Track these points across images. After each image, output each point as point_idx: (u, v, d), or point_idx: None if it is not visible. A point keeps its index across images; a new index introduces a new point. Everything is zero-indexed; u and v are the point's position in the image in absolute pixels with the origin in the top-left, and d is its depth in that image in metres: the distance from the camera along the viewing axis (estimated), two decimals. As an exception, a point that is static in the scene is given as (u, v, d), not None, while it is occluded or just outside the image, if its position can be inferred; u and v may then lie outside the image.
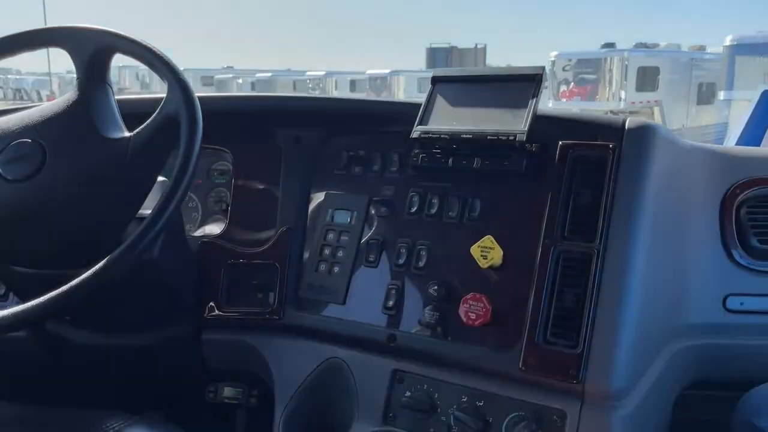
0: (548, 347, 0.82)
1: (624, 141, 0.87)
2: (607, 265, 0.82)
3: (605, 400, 0.79)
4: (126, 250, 0.75)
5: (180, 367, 1.13)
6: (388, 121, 1.07)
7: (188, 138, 0.81)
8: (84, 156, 0.85)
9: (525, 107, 0.92)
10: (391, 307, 0.95)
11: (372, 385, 0.93)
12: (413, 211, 0.99)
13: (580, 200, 0.87)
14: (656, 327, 0.87)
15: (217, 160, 1.22)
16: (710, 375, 0.99)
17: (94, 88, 0.89)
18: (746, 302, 0.94)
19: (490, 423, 0.84)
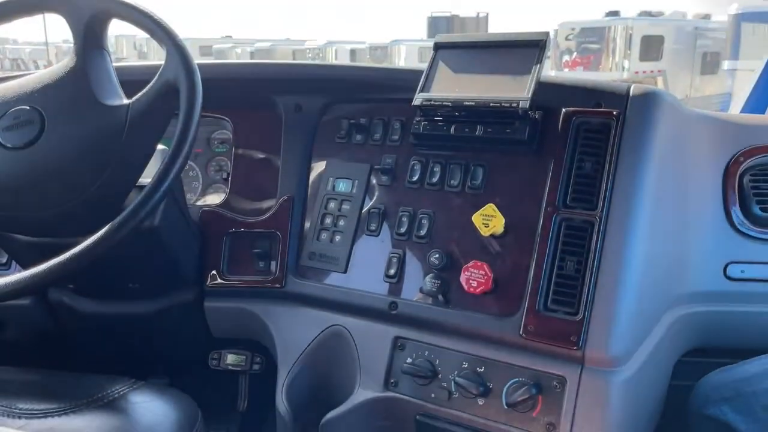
0: (549, 314, 0.83)
1: (628, 108, 0.87)
2: (608, 232, 0.82)
3: (605, 365, 0.80)
4: (128, 217, 0.75)
5: (183, 334, 1.14)
6: (390, 89, 1.06)
7: (188, 104, 0.80)
8: (83, 123, 0.84)
9: (528, 74, 0.91)
10: (393, 276, 0.96)
11: (373, 352, 0.94)
12: (414, 180, 0.99)
13: (582, 168, 0.86)
14: (657, 294, 0.87)
15: (217, 128, 1.21)
16: (709, 342, 1.00)
17: (92, 54, 0.88)
18: (747, 270, 0.94)
19: (490, 388, 0.85)
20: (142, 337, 1.17)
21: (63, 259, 0.73)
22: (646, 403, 0.88)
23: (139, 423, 0.73)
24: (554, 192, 0.87)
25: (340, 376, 0.98)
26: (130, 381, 0.83)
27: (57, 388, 0.78)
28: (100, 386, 0.79)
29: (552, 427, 0.80)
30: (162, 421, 0.76)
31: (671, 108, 0.90)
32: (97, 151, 0.84)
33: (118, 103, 0.86)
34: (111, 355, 1.21)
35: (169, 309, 1.07)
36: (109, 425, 0.71)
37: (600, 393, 0.79)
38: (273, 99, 1.13)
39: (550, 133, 0.91)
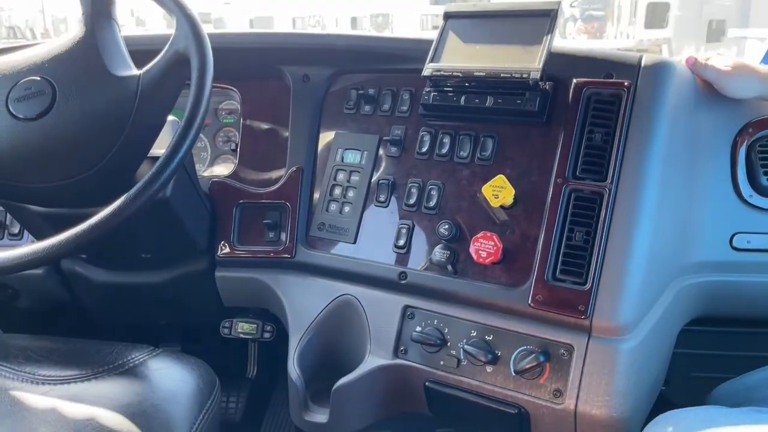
0: (557, 284, 0.84)
1: (639, 78, 0.86)
2: (618, 203, 0.83)
3: (611, 334, 0.81)
4: (144, 187, 0.76)
5: (194, 303, 1.16)
6: (399, 59, 1.05)
7: (199, 75, 0.80)
8: (94, 94, 0.84)
9: (539, 44, 0.90)
10: (402, 246, 0.97)
11: (383, 321, 0.96)
12: (424, 151, 0.99)
13: (592, 139, 0.87)
14: (664, 264, 0.88)
15: (225, 99, 1.21)
16: (713, 311, 1.01)
17: (101, 24, 0.87)
18: (753, 240, 0.95)
19: (498, 356, 0.87)
20: (153, 306, 1.18)
21: (80, 229, 0.74)
22: (650, 370, 0.90)
23: (160, 388, 0.75)
24: (564, 163, 0.87)
25: (350, 344, 0.99)
26: (148, 348, 0.85)
27: (77, 356, 0.80)
28: (119, 354, 0.81)
29: (559, 393, 0.82)
30: (182, 387, 0.78)
31: (682, 78, 0.89)
32: (109, 121, 0.84)
33: (128, 74, 0.86)
34: (123, 324, 1.23)
35: (181, 279, 1.09)
36: (131, 391, 0.72)
37: (606, 361, 0.81)
38: (280, 69, 1.13)
39: (561, 104, 0.91)
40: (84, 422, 0.66)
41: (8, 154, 0.83)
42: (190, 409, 0.77)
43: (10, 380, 0.73)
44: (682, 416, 0.72)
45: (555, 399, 0.82)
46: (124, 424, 0.67)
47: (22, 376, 0.74)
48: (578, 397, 0.81)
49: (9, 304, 1.19)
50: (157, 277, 1.09)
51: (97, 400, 0.70)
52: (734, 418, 0.68)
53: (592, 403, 0.80)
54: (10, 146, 0.83)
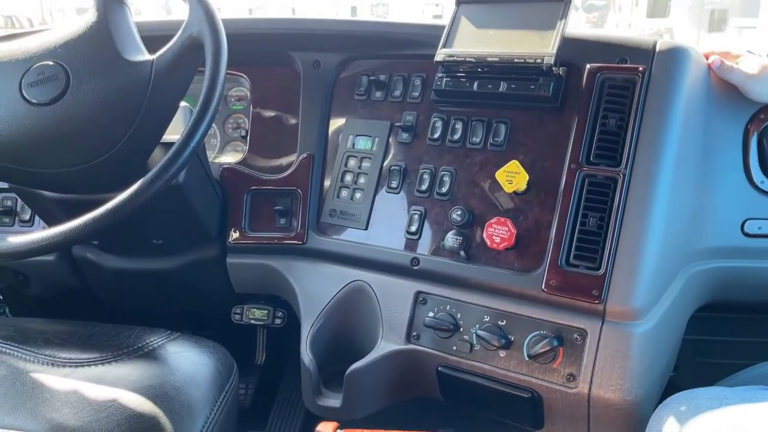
0: (571, 269, 0.84)
1: (654, 63, 0.86)
2: (632, 189, 0.83)
3: (626, 318, 0.82)
4: (160, 173, 0.76)
5: (206, 289, 1.16)
6: (410, 44, 1.05)
7: (214, 60, 0.80)
8: (108, 79, 0.84)
9: (553, 29, 0.90)
10: (414, 232, 0.97)
11: (395, 307, 0.96)
12: (436, 137, 0.99)
13: (606, 124, 0.87)
14: (676, 249, 0.89)
15: (235, 85, 1.20)
16: (723, 297, 1.01)
17: (113, 9, 0.87)
18: (764, 226, 0.95)
19: (512, 341, 0.87)
20: (164, 293, 1.19)
21: (98, 213, 0.74)
22: (662, 355, 0.91)
23: (180, 371, 0.75)
24: (578, 149, 0.87)
25: (362, 329, 1.00)
26: (166, 332, 0.86)
27: (96, 339, 0.80)
28: (138, 337, 0.81)
29: (572, 377, 0.83)
30: (202, 370, 0.78)
31: (696, 64, 0.89)
32: (123, 107, 0.84)
33: (141, 59, 0.85)
34: (134, 310, 1.24)
35: (192, 265, 1.09)
36: (152, 373, 0.73)
37: (620, 345, 0.81)
38: (290, 55, 1.13)
39: (574, 90, 0.91)
40: (106, 404, 0.66)
41: (23, 139, 0.83)
42: (211, 391, 0.77)
43: (31, 363, 0.74)
44: (693, 396, 0.72)
45: (568, 383, 0.83)
46: (146, 406, 0.67)
47: (43, 359, 0.74)
48: (592, 381, 0.81)
49: (20, 290, 1.20)
50: (168, 264, 1.09)
51: (118, 382, 0.70)
52: (744, 395, 0.68)
53: (606, 387, 0.81)
54: (25, 131, 0.83)
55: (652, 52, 0.87)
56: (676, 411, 0.70)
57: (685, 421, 0.67)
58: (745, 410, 0.65)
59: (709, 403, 0.68)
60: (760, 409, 0.64)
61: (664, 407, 0.72)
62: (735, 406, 0.67)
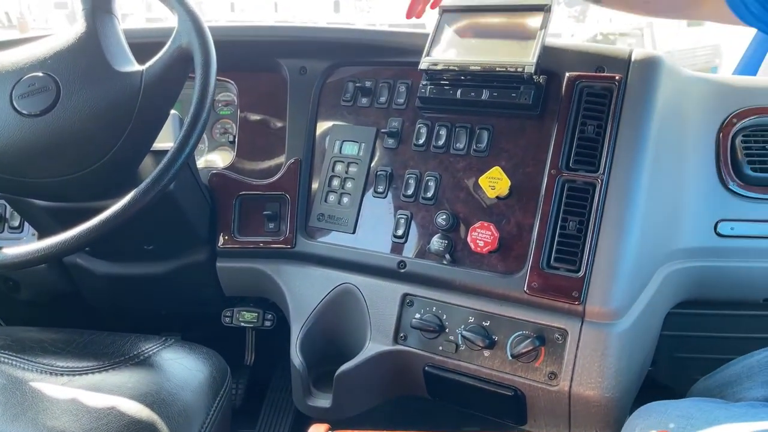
0: (552, 272, 0.88)
1: (630, 72, 0.90)
2: (610, 194, 0.86)
3: (604, 319, 0.85)
4: (154, 182, 0.77)
5: (196, 293, 1.18)
6: (395, 52, 1.07)
7: (204, 70, 0.82)
8: (98, 90, 0.85)
9: (533, 38, 0.93)
10: (401, 236, 0.99)
11: (383, 309, 0.99)
12: (421, 143, 1.01)
13: (585, 131, 0.90)
14: (652, 251, 0.92)
15: (222, 91, 1.22)
16: (698, 295, 1.05)
17: (102, 19, 0.88)
18: (736, 227, 0.99)
19: (495, 341, 0.90)
20: (155, 297, 1.20)
21: (92, 224, 0.76)
22: (639, 352, 0.94)
23: (176, 377, 0.77)
24: (558, 155, 0.91)
25: (350, 331, 1.02)
26: (161, 339, 0.87)
27: (93, 347, 0.82)
28: (133, 345, 0.83)
29: (553, 375, 0.86)
30: (197, 376, 0.80)
31: (671, 72, 0.93)
32: (113, 117, 0.85)
33: (131, 69, 0.87)
34: (124, 314, 1.25)
35: (182, 269, 1.11)
36: (148, 380, 0.75)
37: (599, 344, 0.85)
38: (277, 62, 1.14)
39: (554, 98, 0.94)
40: (105, 411, 0.68)
41: (14, 150, 0.84)
42: (206, 397, 0.79)
43: (30, 372, 0.75)
44: (664, 409, 0.75)
45: (550, 381, 0.86)
46: (144, 412, 0.69)
47: (40, 368, 0.76)
48: (572, 379, 0.85)
49: (10, 296, 1.20)
50: (159, 269, 1.11)
51: (116, 389, 0.72)
52: (709, 416, 0.71)
53: (586, 385, 0.84)
54: (16, 142, 0.84)
55: (627, 61, 0.90)
56: (650, 424, 0.73)
57: None
58: (715, 425, 0.68)
59: (678, 421, 0.71)
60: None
61: (637, 417, 0.76)
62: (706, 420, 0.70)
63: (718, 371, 0.94)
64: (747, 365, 0.88)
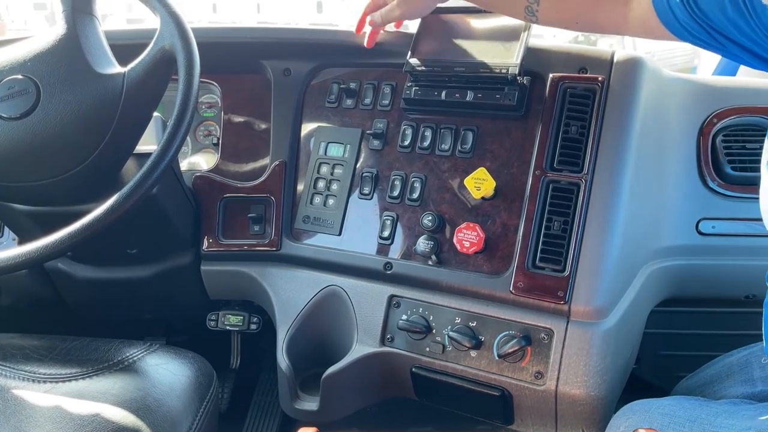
0: (537, 271, 0.88)
1: (612, 73, 0.90)
2: (593, 194, 0.87)
3: (589, 317, 0.86)
4: (137, 185, 0.77)
5: (180, 297, 1.17)
6: (379, 54, 1.07)
7: (187, 73, 0.81)
8: (79, 93, 0.84)
9: (517, 40, 0.93)
10: (387, 237, 0.99)
11: (370, 310, 0.99)
12: (406, 144, 1.01)
13: (569, 132, 0.90)
14: (635, 250, 0.93)
15: (205, 93, 1.21)
16: (680, 293, 1.07)
17: (82, 21, 0.87)
18: (717, 226, 1.01)
19: (482, 341, 0.91)
20: (138, 301, 1.19)
21: (74, 229, 0.75)
22: (624, 350, 0.95)
23: (162, 383, 0.77)
24: (542, 155, 0.91)
25: (338, 333, 1.02)
26: (145, 344, 0.86)
27: (76, 354, 0.81)
28: (117, 350, 0.82)
29: (540, 375, 0.87)
30: (183, 381, 0.79)
31: (652, 73, 0.94)
32: (94, 120, 0.84)
33: (112, 72, 0.86)
34: (107, 319, 1.24)
35: (166, 273, 1.10)
36: (133, 386, 0.74)
37: (584, 343, 0.85)
38: (261, 63, 1.14)
39: (538, 98, 0.94)
40: (89, 418, 0.67)
41: None
42: (192, 402, 0.79)
43: (12, 379, 0.74)
44: (647, 408, 0.76)
45: (536, 380, 0.87)
46: (129, 419, 0.68)
47: (23, 375, 0.75)
48: (558, 378, 0.85)
49: (-10, 302, 1.18)
50: (142, 272, 1.10)
51: (100, 396, 0.71)
52: (691, 413, 0.72)
53: (572, 384, 0.85)
54: None
55: (610, 62, 0.91)
56: (634, 423, 0.74)
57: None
58: (698, 423, 0.69)
59: (661, 419, 0.72)
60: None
61: (621, 416, 0.77)
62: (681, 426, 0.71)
63: (700, 371, 0.96)
64: (726, 364, 0.90)
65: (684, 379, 0.98)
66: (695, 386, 0.93)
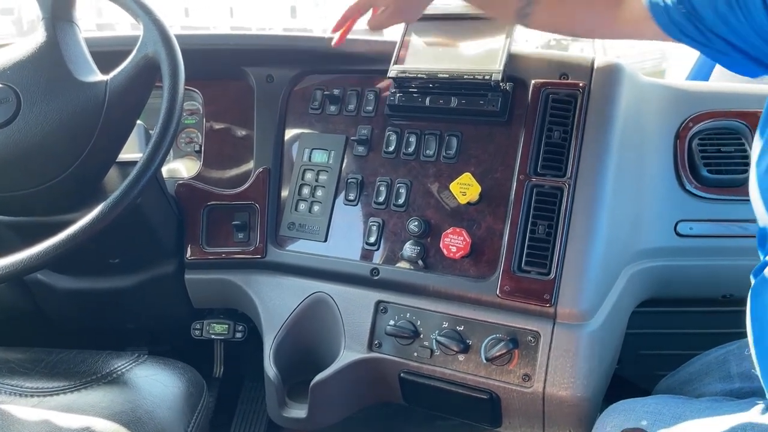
0: (523, 275, 0.89)
1: (593, 79, 0.92)
2: (577, 197, 0.88)
3: (575, 320, 0.87)
4: (122, 195, 0.76)
5: (163, 306, 1.15)
6: (362, 60, 1.08)
7: (172, 80, 0.80)
8: (60, 101, 0.83)
9: (499, 46, 0.95)
10: (373, 243, 1.00)
11: (357, 316, 0.99)
12: (391, 150, 1.02)
13: (551, 137, 0.92)
14: (617, 252, 0.95)
15: (187, 100, 1.20)
16: (662, 293, 1.09)
17: (63, 28, 0.86)
18: (695, 227, 1.03)
19: (470, 345, 0.92)
20: (121, 311, 1.17)
21: (58, 240, 0.74)
22: (608, 351, 0.97)
23: (152, 395, 0.75)
24: (525, 160, 0.92)
25: (325, 340, 1.02)
26: (133, 356, 0.85)
27: (63, 367, 0.79)
28: (105, 362, 0.80)
29: (527, 377, 0.88)
30: (173, 392, 0.78)
31: (631, 79, 0.96)
32: (76, 128, 0.83)
33: (94, 80, 0.85)
34: (88, 330, 1.22)
35: (149, 282, 1.08)
36: (123, 399, 0.73)
37: (571, 345, 0.87)
38: (243, 70, 1.13)
39: (521, 104, 0.96)
40: (79, 432, 0.66)
41: None
42: (183, 413, 0.78)
43: (-2, 395, 0.73)
44: (632, 407, 0.78)
45: (524, 383, 0.88)
46: (120, 432, 0.67)
47: (9, 390, 0.73)
48: (546, 380, 0.87)
49: (-33, 315, 1.16)
50: (124, 282, 1.08)
51: (90, 409, 0.70)
52: (676, 410, 0.74)
53: (559, 385, 0.86)
54: None
55: (590, 68, 0.93)
56: (620, 422, 0.75)
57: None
58: (684, 420, 0.71)
59: (647, 417, 0.74)
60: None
61: (607, 416, 0.78)
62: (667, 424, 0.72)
63: (679, 369, 0.98)
64: (705, 363, 0.92)
65: (664, 378, 1.00)
66: (675, 384, 0.95)
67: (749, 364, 0.85)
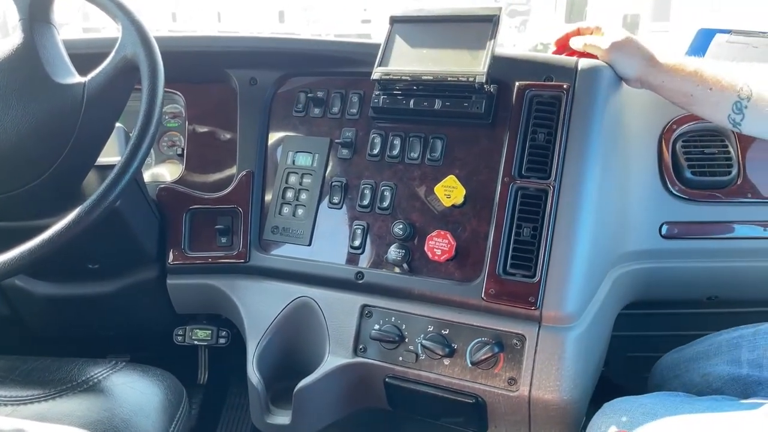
0: (508, 278, 0.89)
1: (577, 81, 0.92)
2: (562, 200, 0.88)
3: (560, 322, 0.87)
4: (99, 199, 0.74)
5: (145, 312, 1.14)
6: (346, 62, 1.07)
7: (151, 82, 0.79)
8: (38, 103, 0.81)
9: (483, 48, 0.94)
10: (358, 247, 0.99)
11: (342, 321, 0.98)
12: (375, 153, 1.01)
13: (536, 139, 0.91)
14: (603, 255, 0.95)
15: (169, 103, 1.19)
16: (647, 295, 1.09)
17: (40, 30, 0.84)
18: (679, 229, 1.03)
19: (455, 349, 0.91)
20: (101, 318, 1.15)
21: (33, 245, 0.72)
22: (594, 354, 0.97)
23: (129, 402, 0.74)
24: (510, 162, 0.92)
25: (309, 345, 1.01)
26: (111, 363, 0.83)
27: (38, 374, 0.77)
28: (81, 370, 0.79)
29: (513, 381, 0.87)
30: (151, 400, 0.77)
31: (615, 81, 0.96)
32: (54, 131, 0.82)
33: (72, 81, 0.83)
34: (68, 337, 1.19)
35: (131, 288, 1.07)
36: (99, 407, 0.71)
37: (556, 348, 0.86)
38: (226, 72, 1.12)
39: (505, 106, 0.95)
40: (53, 442, 0.64)
41: None
42: (161, 422, 0.76)
43: (-32, 404, 0.71)
44: (628, 406, 0.77)
45: (510, 387, 0.87)
46: (96, 441, 0.66)
47: (-19, 399, 0.71)
48: (531, 383, 0.86)
49: (-59, 322, 1.13)
50: (105, 288, 1.07)
51: (64, 418, 0.68)
52: (674, 407, 0.74)
53: (545, 389, 0.85)
54: None
55: (574, 70, 0.92)
56: (615, 422, 0.75)
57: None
58: (679, 422, 0.71)
59: (642, 418, 0.73)
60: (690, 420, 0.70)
61: (602, 415, 0.77)
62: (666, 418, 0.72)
63: (687, 346, 0.97)
64: (714, 342, 0.92)
65: (669, 353, 1.00)
66: (681, 360, 0.95)
67: (762, 352, 0.85)
